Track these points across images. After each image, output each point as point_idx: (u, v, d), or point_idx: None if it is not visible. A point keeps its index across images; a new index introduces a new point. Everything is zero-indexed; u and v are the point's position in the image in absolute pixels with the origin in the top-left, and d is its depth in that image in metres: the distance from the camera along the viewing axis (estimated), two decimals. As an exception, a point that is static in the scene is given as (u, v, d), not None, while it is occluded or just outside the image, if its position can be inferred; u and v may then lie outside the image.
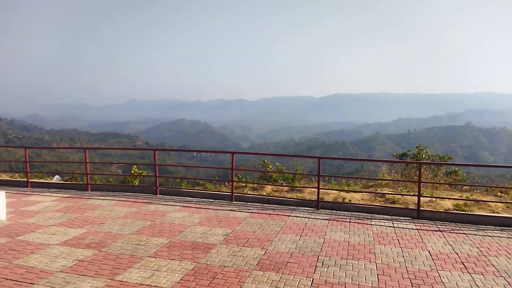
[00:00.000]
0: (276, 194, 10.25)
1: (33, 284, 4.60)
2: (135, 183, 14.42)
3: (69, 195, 9.90)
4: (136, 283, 4.62)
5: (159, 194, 10.06)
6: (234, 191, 9.43)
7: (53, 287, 4.50)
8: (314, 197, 9.54)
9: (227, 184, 11.97)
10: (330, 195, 9.71)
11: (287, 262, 5.37)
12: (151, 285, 4.57)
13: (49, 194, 10.07)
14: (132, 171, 15.48)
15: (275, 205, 8.88)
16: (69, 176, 13.82)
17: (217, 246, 6.01)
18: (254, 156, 53.33)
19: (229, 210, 8.42)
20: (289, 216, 7.89)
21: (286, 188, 10.59)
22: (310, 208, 8.62)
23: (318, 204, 8.62)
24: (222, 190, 10.47)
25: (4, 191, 7.67)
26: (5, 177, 13.39)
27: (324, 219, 7.68)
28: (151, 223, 7.32)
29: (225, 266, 5.17)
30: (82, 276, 4.84)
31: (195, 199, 9.50)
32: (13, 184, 11.46)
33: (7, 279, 4.74)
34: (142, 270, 5.03)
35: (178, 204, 8.98)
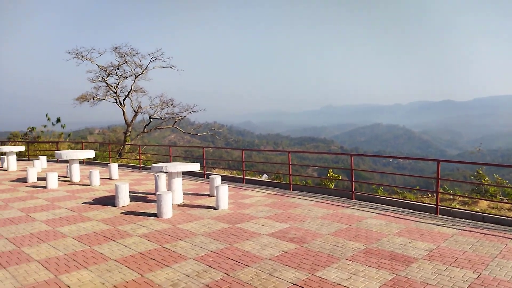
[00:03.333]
0: (493, 211, 8.70)
1: (248, 266, 5.38)
2: (330, 186, 14.90)
3: (275, 193, 11.10)
4: (334, 282, 4.79)
5: (355, 199, 10.07)
6: (439, 204, 8.52)
7: (263, 272, 5.15)
8: (550, 220, 7.61)
9: (430, 195, 10.94)
10: None
11: (510, 294, 4.48)
12: (348, 287, 4.65)
13: (259, 190, 11.56)
14: (328, 175, 16.06)
15: (492, 224, 7.54)
16: (274, 176, 15.49)
17: (418, 260, 5.57)
18: (464, 165, 46.63)
19: (433, 223, 7.67)
20: (511, 239, 6.56)
21: (508, 205, 8.84)
22: (543, 233, 6.93)
23: (556, 230, 6.83)
24: (424, 201, 9.62)
25: (227, 185, 9.27)
26: (226, 173, 16.14)
27: None
28: (347, 226, 7.43)
29: (428, 284, 4.74)
30: (287, 266, 5.36)
31: (392, 208, 9.07)
32: (232, 179, 13.68)
33: (229, 258, 5.72)
34: (339, 271, 5.17)
35: (374, 211, 8.79)
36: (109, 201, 9.86)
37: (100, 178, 13.27)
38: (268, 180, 14.30)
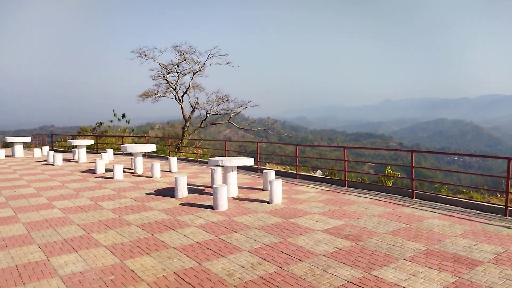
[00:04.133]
0: None
1: (302, 261, 5.38)
2: (388, 184, 14.37)
3: (329, 189, 10.95)
4: (391, 282, 4.63)
5: (415, 198, 9.62)
6: (509, 205, 7.87)
7: (317, 268, 5.13)
8: None
9: (499, 195, 10.13)
10: None
11: None
12: (406, 289, 4.48)
13: (313, 186, 11.47)
14: (386, 172, 15.48)
15: None
16: (328, 172, 15.25)
17: (484, 264, 5.21)
18: (539, 164, 42.48)
19: (501, 226, 7.11)
20: None
21: None
22: None
23: None
24: (492, 202, 8.94)
25: (281, 180, 9.31)
26: (280, 168, 16.20)
27: None
28: (406, 226, 7.13)
29: (496, 290, 4.43)
30: (341, 263, 5.28)
31: (456, 208, 8.54)
32: (285, 174, 13.70)
33: (282, 252, 5.76)
34: (397, 271, 4.99)
35: (436, 210, 8.33)
36: (169, 192, 10.36)
37: (160, 170, 13.96)
38: (322, 176, 14.12)
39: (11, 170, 15.03)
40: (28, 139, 22.43)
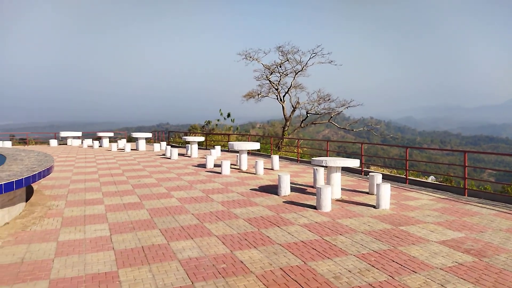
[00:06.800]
0: None
1: (415, 272, 4.99)
2: (518, 195, 12.51)
3: (445, 197, 9.97)
4: (528, 310, 4.02)
5: (555, 214, 8.18)
6: None
7: (434, 281, 4.70)
8: None
9: None
10: None
11: None
12: (548, 319, 3.83)
13: (425, 192, 10.57)
14: (515, 181, 13.50)
15: None
16: (443, 178, 13.90)
17: None
18: None
19: None
20: None
21: None
22: None
23: None
24: None
25: (389, 184, 8.78)
26: (384, 171, 15.32)
27: None
28: (544, 245, 6.11)
29: None
30: (462, 279, 4.75)
31: None
32: (392, 178, 12.89)
33: (393, 260, 5.42)
34: (535, 297, 4.30)
35: None
36: (272, 189, 10.61)
37: (263, 168, 14.38)
38: (436, 182, 12.92)
39: (136, 162, 17.08)
40: (149, 135, 25.22)
